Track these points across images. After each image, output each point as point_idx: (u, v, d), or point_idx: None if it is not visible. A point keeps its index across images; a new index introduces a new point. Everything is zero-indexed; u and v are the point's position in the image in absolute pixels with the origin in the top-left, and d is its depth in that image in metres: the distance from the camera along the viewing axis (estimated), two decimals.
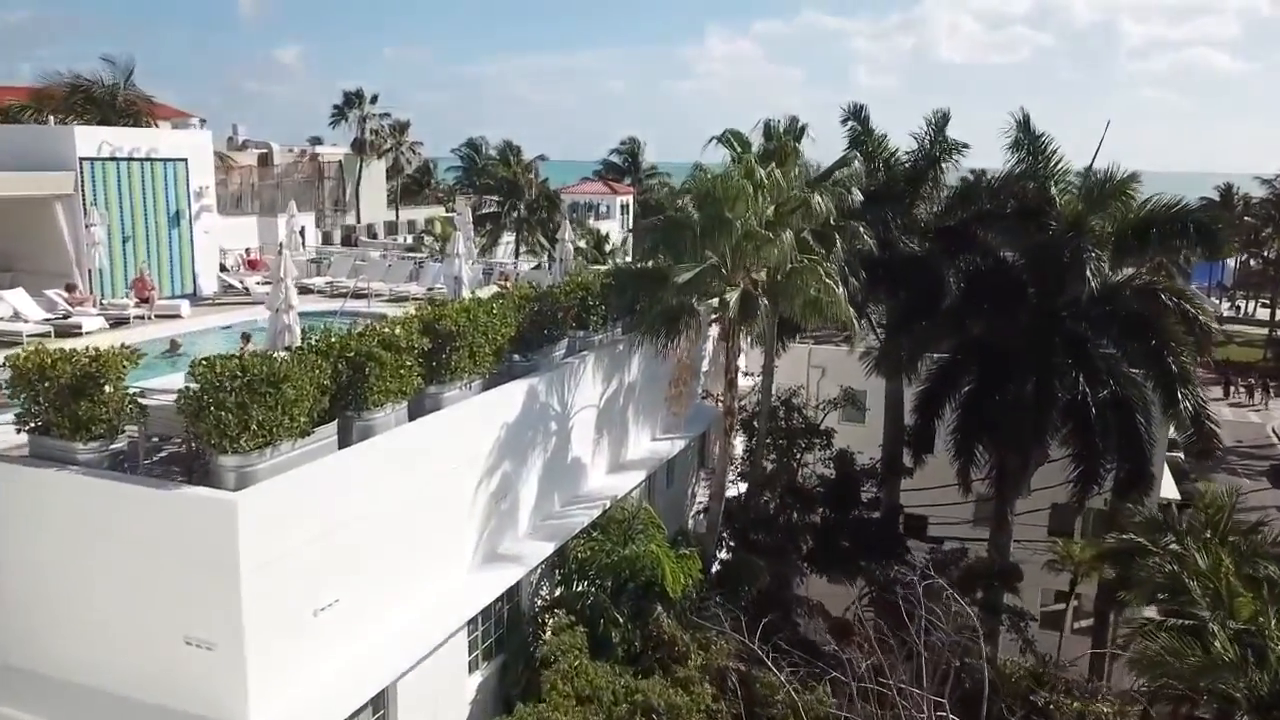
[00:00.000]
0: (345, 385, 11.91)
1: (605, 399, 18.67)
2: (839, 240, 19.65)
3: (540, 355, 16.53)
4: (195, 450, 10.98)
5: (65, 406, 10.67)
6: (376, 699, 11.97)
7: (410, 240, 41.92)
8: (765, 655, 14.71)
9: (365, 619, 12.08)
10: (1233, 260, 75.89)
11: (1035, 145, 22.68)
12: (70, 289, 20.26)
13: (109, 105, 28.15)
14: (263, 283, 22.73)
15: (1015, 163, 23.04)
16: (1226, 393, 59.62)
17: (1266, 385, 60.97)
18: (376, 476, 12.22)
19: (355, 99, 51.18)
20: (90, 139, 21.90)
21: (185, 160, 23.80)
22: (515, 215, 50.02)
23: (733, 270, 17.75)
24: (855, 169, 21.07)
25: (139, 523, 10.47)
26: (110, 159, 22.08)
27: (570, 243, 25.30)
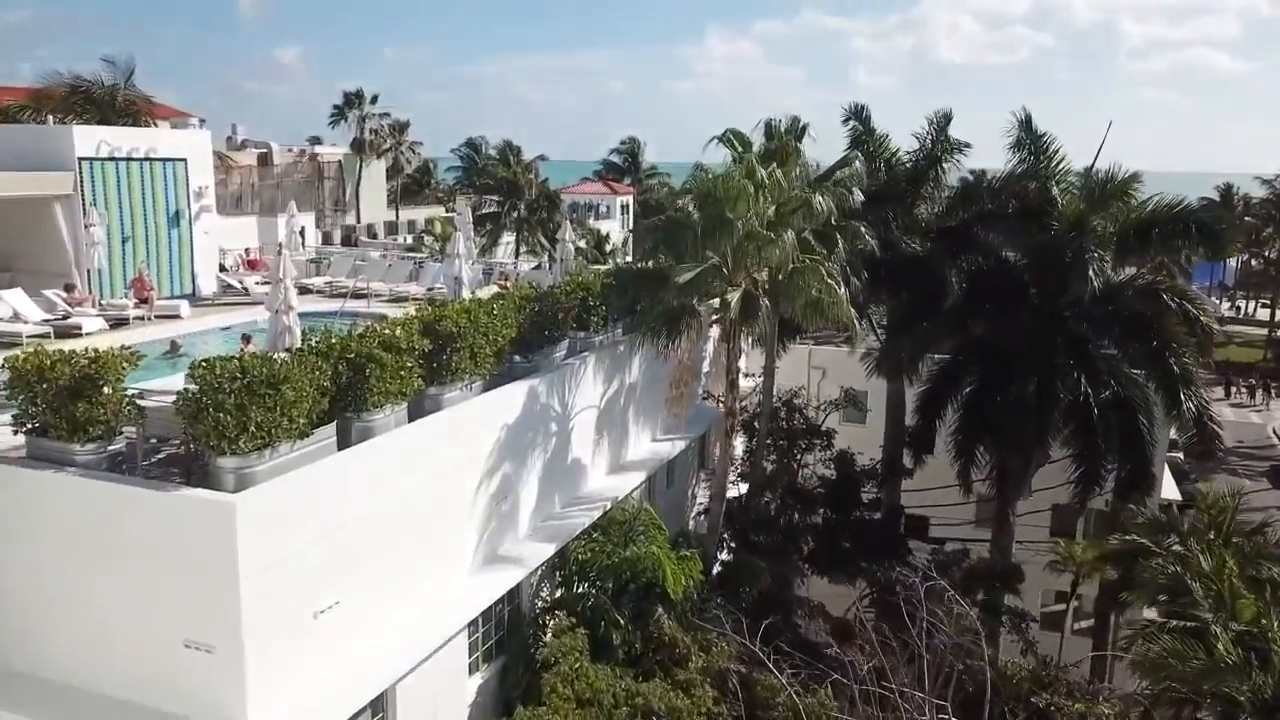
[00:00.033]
0: (345, 387, 11.87)
1: (606, 400, 18.61)
2: (840, 240, 19.58)
3: (541, 356, 16.47)
4: (194, 452, 10.94)
5: (63, 408, 10.61)
6: (376, 701, 11.92)
7: (410, 240, 41.86)
8: (766, 657, 14.64)
9: (365, 621, 12.03)
10: (1233, 260, 75.94)
11: (1037, 145, 22.67)
12: (69, 289, 20.18)
13: (108, 105, 28.04)
14: (262, 283, 22.68)
15: (1017, 162, 23.05)
16: (1227, 393, 59.65)
17: (1267, 386, 61.00)
18: (376, 478, 12.17)
19: (355, 99, 51.13)
20: (89, 139, 21.84)
21: (185, 160, 23.76)
22: (515, 215, 49.96)
23: (734, 270, 17.69)
24: (856, 169, 21.00)
25: (137, 525, 10.42)
26: (109, 159, 22.03)
27: (570, 243, 25.24)
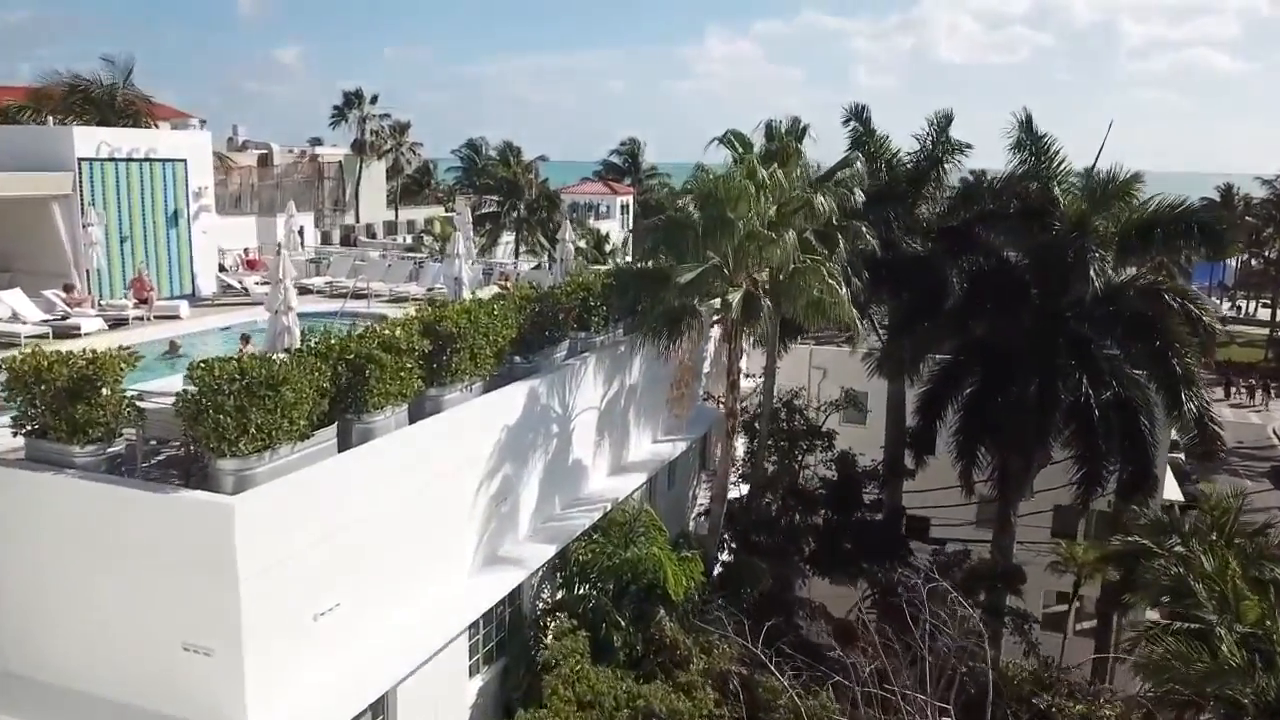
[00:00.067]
0: (345, 388, 11.81)
1: (606, 401, 18.55)
2: (841, 241, 19.53)
3: (541, 357, 16.41)
4: (193, 453, 10.89)
5: (62, 409, 10.55)
6: (376, 704, 11.86)
7: (410, 240, 41.81)
8: (768, 659, 14.57)
9: (365, 623, 11.98)
10: (1234, 260, 75.95)
11: (1038, 145, 22.62)
12: (68, 289, 20.11)
13: (108, 105, 27.99)
14: (261, 283, 22.63)
15: (1018, 163, 22.98)
16: (1228, 393, 59.64)
17: (1267, 386, 60.99)
18: (376, 479, 12.11)
19: (355, 99, 51.14)
20: (89, 139, 21.78)
21: (184, 160, 23.69)
22: (515, 215, 49.95)
23: (735, 271, 17.63)
24: (857, 169, 21.00)
25: (137, 527, 10.36)
26: (109, 159, 21.96)
27: (570, 243, 25.16)
